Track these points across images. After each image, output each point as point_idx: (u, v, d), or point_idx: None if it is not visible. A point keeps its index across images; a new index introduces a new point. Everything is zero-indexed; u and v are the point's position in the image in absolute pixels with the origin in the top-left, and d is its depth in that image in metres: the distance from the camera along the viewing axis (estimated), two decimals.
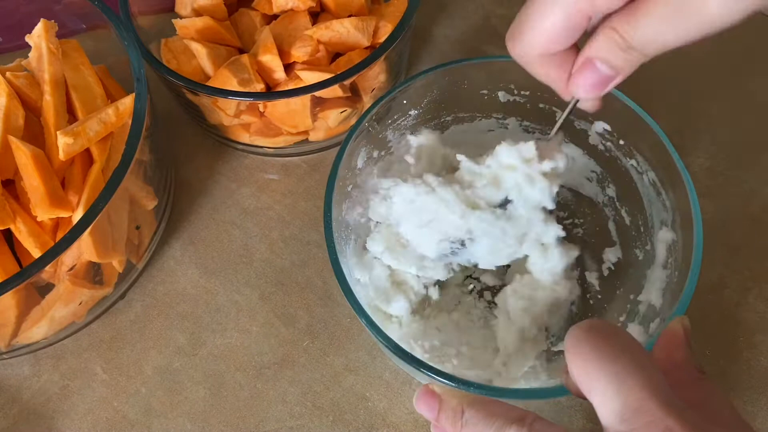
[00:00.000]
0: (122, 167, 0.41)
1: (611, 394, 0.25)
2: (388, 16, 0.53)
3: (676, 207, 0.41)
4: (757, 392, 0.44)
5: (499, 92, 0.47)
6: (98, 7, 0.47)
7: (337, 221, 0.41)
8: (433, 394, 0.32)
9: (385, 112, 0.45)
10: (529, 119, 0.49)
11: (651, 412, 0.24)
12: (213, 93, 0.47)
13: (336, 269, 0.39)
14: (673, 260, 0.40)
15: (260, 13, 0.55)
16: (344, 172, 0.42)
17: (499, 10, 0.63)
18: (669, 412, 0.24)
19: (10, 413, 0.46)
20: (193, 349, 0.48)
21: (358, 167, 0.44)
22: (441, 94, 0.47)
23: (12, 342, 0.44)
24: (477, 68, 0.45)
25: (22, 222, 0.42)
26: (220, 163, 0.56)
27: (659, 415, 0.24)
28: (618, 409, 0.24)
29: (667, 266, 0.41)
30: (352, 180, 0.44)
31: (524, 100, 0.47)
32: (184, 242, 0.52)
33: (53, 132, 0.43)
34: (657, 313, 0.39)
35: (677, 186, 0.40)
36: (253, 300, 0.49)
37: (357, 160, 0.44)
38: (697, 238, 0.37)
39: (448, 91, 0.47)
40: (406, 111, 0.46)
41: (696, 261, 0.37)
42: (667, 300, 0.39)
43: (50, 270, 0.41)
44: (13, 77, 0.45)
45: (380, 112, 0.44)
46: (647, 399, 0.24)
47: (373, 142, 0.45)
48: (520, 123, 0.49)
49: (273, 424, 0.44)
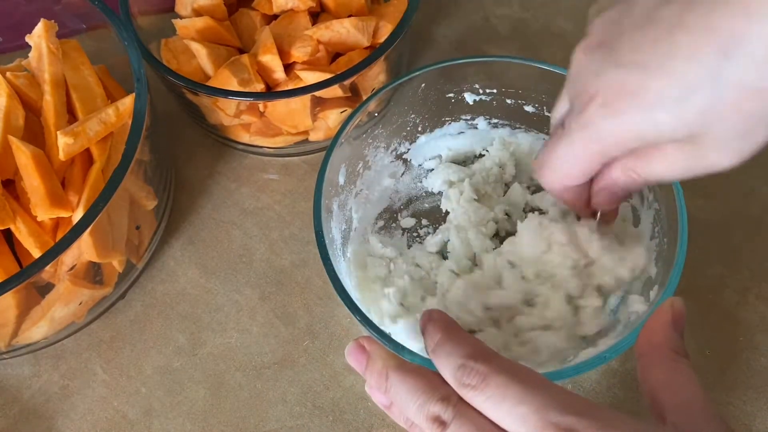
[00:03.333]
0: (122, 167, 0.41)
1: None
2: (387, 16, 0.53)
3: None
4: (757, 392, 0.44)
5: (466, 93, 0.49)
6: (98, 7, 0.47)
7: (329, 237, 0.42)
8: (363, 350, 0.32)
9: (363, 124, 0.46)
10: (497, 117, 0.50)
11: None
12: (213, 93, 0.47)
13: (328, 268, 0.39)
14: (659, 229, 0.41)
15: (260, 13, 0.55)
16: (327, 188, 0.43)
17: (499, 10, 0.63)
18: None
19: (10, 413, 0.46)
20: (193, 348, 0.48)
21: (340, 184, 0.45)
22: (408, 102, 0.48)
23: (12, 342, 0.44)
24: (440, 72, 0.47)
25: (22, 222, 0.42)
26: (220, 163, 0.56)
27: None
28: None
29: (654, 236, 0.42)
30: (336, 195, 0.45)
31: (491, 98, 0.49)
32: (184, 242, 0.52)
33: (53, 132, 0.43)
34: (653, 281, 0.40)
35: None
36: (253, 300, 0.49)
37: (338, 176, 0.45)
38: (679, 203, 0.39)
39: (416, 98, 0.48)
40: (377, 123, 0.47)
41: (682, 225, 0.38)
42: (661, 267, 0.39)
43: (50, 270, 0.41)
44: (13, 77, 0.45)
45: (357, 127, 0.45)
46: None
47: (352, 155, 0.46)
48: (488, 121, 0.51)
49: (273, 424, 0.44)
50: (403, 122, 0.49)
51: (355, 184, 0.47)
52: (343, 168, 0.45)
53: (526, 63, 0.46)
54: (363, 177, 0.48)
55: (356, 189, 0.48)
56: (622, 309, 0.41)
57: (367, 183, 0.49)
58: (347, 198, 0.47)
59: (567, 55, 0.35)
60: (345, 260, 0.45)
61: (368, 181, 0.49)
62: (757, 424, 0.43)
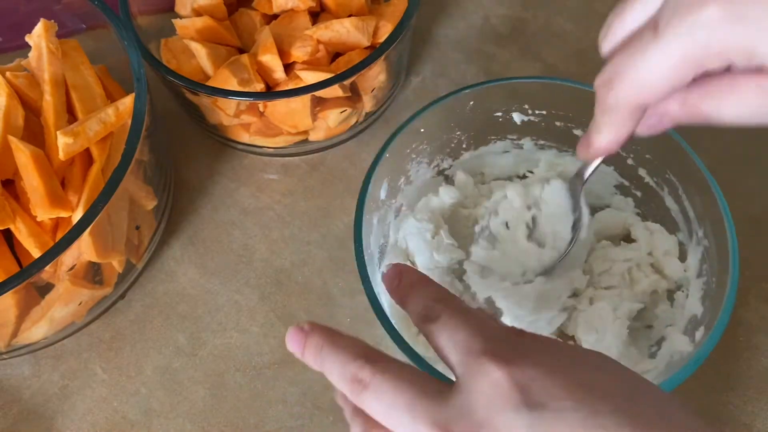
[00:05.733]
0: (122, 167, 0.41)
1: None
2: (388, 15, 0.53)
3: (703, 215, 0.41)
4: (757, 392, 0.44)
5: (514, 113, 0.47)
6: (98, 7, 0.47)
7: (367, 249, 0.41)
8: (301, 331, 0.31)
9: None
10: (545, 138, 0.49)
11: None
12: (213, 93, 0.47)
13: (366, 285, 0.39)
14: (708, 267, 0.40)
15: (260, 13, 0.55)
16: (369, 203, 0.42)
17: (499, 10, 0.63)
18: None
19: (9, 413, 0.46)
20: (192, 349, 0.48)
21: (381, 198, 0.45)
22: (456, 119, 0.47)
23: (12, 342, 0.44)
24: (493, 90, 0.46)
25: (21, 222, 0.42)
26: (220, 163, 0.56)
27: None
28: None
29: (701, 274, 0.41)
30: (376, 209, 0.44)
31: (539, 120, 0.47)
32: (183, 242, 0.52)
33: (53, 132, 0.43)
34: (699, 320, 0.39)
35: (704, 192, 0.40)
36: (253, 300, 0.49)
37: (380, 191, 0.44)
38: (731, 242, 0.37)
39: (462, 115, 0.47)
40: (422, 139, 0.46)
41: (734, 263, 0.36)
42: (708, 307, 0.38)
43: (50, 270, 0.41)
44: (12, 77, 0.45)
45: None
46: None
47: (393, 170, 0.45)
48: (535, 142, 0.49)
49: (273, 425, 0.44)
50: (448, 138, 0.48)
51: (396, 198, 0.47)
52: (386, 182, 0.44)
53: (580, 87, 0.44)
54: (404, 192, 0.47)
55: (397, 203, 0.47)
56: (665, 347, 0.41)
57: (409, 198, 0.48)
58: (387, 212, 0.46)
59: (567, 54, 0.35)
60: (380, 272, 0.45)
61: (409, 196, 0.48)
62: (757, 425, 0.43)
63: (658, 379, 0.36)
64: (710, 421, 0.43)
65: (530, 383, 0.24)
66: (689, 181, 0.42)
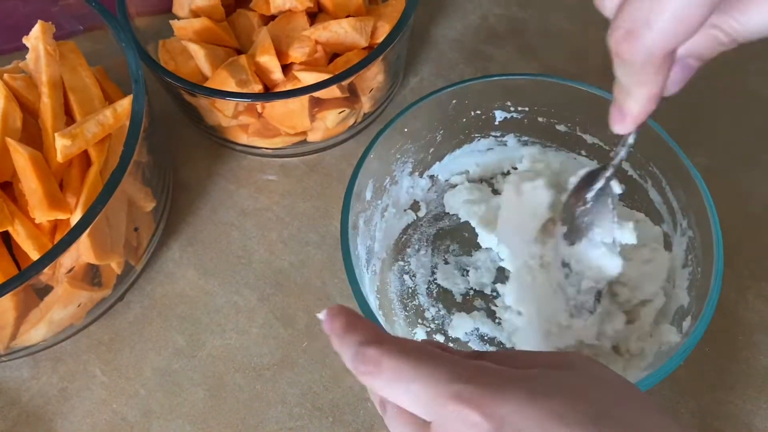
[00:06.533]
0: (120, 169, 0.41)
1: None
2: (385, 16, 0.53)
3: (687, 206, 0.41)
4: (756, 391, 0.44)
5: (497, 111, 0.48)
6: (95, 9, 0.47)
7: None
8: (328, 314, 0.29)
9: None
10: (528, 134, 0.49)
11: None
12: (211, 94, 0.47)
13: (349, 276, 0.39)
14: (693, 257, 0.40)
15: (258, 14, 0.55)
16: (354, 203, 0.42)
17: (497, 10, 0.63)
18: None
19: (9, 416, 0.46)
20: (192, 350, 0.48)
21: (367, 199, 0.45)
22: (439, 117, 0.47)
23: (10, 344, 0.44)
24: (475, 88, 0.46)
25: (20, 224, 0.42)
26: (219, 164, 0.56)
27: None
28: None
29: (687, 264, 0.41)
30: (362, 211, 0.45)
31: (522, 116, 0.48)
32: (182, 244, 0.52)
33: (51, 134, 0.43)
34: (686, 311, 0.39)
35: (687, 184, 0.41)
36: (252, 301, 0.49)
37: (366, 192, 0.44)
38: (715, 232, 0.38)
39: (445, 113, 0.47)
40: (406, 139, 0.46)
41: (718, 252, 0.37)
42: (694, 297, 0.39)
43: (48, 272, 0.41)
44: (10, 79, 0.45)
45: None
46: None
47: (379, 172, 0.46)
48: (518, 139, 0.50)
49: (272, 426, 0.44)
50: (431, 137, 0.48)
51: (382, 199, 0.47)
52: (371, 183, 0.45)
53: (562, 82, 0.44)
54: (389, 192, 0.48)
55: (382, 204, 0.47)
56: (654, 337, 0.41)
57: (394, 198, 0.48)
58: (373, 213, 0.46)
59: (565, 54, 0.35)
60: (369, 274, 0.45)
61: (395, 197, 0.48)
62: (756, 423, 0.43)
63: (648, 370, 0.36)
64: (710, 421, 0.43)
65: (504, 418, 0.24)
66: (672, 172, 0.42)
